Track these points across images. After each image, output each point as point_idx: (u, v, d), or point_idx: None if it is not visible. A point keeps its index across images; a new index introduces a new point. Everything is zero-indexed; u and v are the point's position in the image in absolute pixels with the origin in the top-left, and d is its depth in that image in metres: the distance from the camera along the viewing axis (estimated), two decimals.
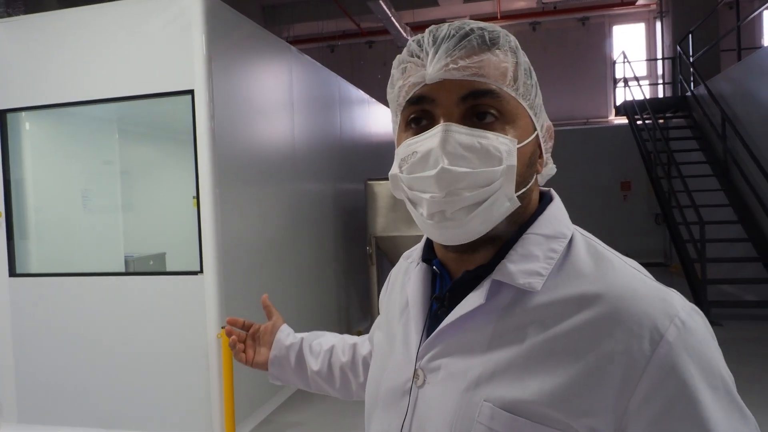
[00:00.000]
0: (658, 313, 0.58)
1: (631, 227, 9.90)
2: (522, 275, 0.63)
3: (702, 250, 5.83)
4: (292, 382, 1.11)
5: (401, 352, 0.74)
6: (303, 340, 1.10)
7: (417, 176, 0.64)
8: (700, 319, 0.60)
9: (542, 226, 0.67)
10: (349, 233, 5.75)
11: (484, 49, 0.63)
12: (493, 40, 0.64)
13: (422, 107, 0.65)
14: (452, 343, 0.66)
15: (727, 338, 5.23)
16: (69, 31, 3.54)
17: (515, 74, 0.65)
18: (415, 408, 0.68)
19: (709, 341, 0.59)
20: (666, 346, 0.56)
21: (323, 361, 1.07)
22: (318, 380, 1.08)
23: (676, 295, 0.61)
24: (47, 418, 3.63)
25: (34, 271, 3.78)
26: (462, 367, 0.65)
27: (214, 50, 3.36)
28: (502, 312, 0.64)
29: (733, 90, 6.98)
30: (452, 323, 0.66)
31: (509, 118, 0.64)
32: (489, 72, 0.63)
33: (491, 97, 0.63)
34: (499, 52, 0.64)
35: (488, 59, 0.63)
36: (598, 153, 10.00)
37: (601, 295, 0.60)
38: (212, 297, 3.33)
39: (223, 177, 3.43)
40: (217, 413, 3.32)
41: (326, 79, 5.48)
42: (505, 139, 0.63)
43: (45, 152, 3.99)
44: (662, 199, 7.21)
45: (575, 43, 12.42)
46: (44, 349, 3.63)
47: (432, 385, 0.67)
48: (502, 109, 0.64)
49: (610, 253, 0.66)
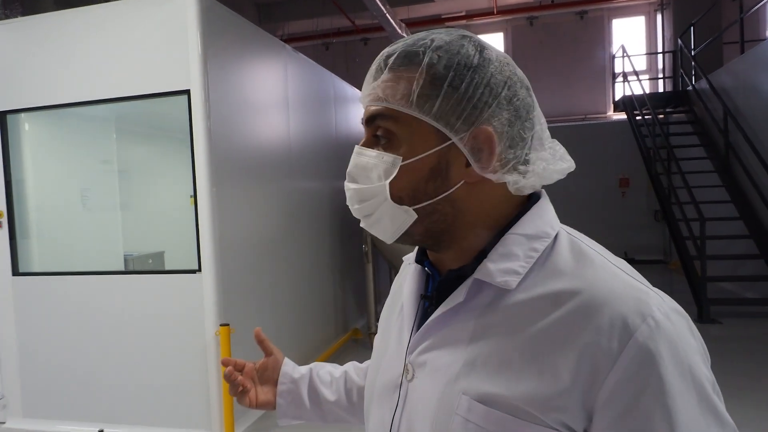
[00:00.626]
0: (631, 312, 0.58)
1: (630, 224, 9.84)
2: (500, 274, 0.65)
3: (702, 247, 5.79)
4: (305, 417, 1.00)
5: (395, 349, 0.78)
6: (311, 370, 1.02)
7: None
8: (681, 320, 0.60)
9: (524, 226, 0.68)
10: (345, 231, 5.76)
11: (380, 74, 0.68)
12: (387, 62, 0.68)
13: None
14: (438, 339, 0.70)
15: (727, 336, 5.21)
16: (66, 33, 3.55)
17: (414, 89, 0.65)
18: (405, 401, 0.72)
19: (687, 342, 0.59)
20: (635, 345, 0.56)
21: (338, 389, 1.01)
22: (336, 411, 1.01)
23: (654, 295, 0.61)
24: (51, 413, 3.69)
25: (36, 270, 3.82)
26: (445, 362, 0.67)
27: (209, 50, 3.36)
28: (484, 309, 0.67)
29: (736, 83, 6.91)
30: (436, 319, 0.70)
31: (402, 136, 0.67)
32: (380, 95, 0.68)
33: (383, 118, 0.68)
34: (393, 72, 0.67)
35: (383, 84, 0.68)
36: (597, 149, 9.88)
37: (577, 292, 0.61)
38: (210, 295, 3.36)
39: (220, 176, 3.44)
40: (216, 409, 3.36)
41: (321, 77, 5.47)
42: (388, 157, 0.67)
43: (44, 152, 4.01)
44: (662, 195, 7.17)
45: (573, 37, 12.29)
46: (47, 346, 3.68)
47: (419, 378, 0.70)
48: (393, 128, 0.67)
49: (593, 252, 0.66)
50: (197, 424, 3.41)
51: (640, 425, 0.56)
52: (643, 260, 9.26)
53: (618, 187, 10.15)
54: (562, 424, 0.58)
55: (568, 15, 12.17)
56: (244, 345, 3.58)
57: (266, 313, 3.94)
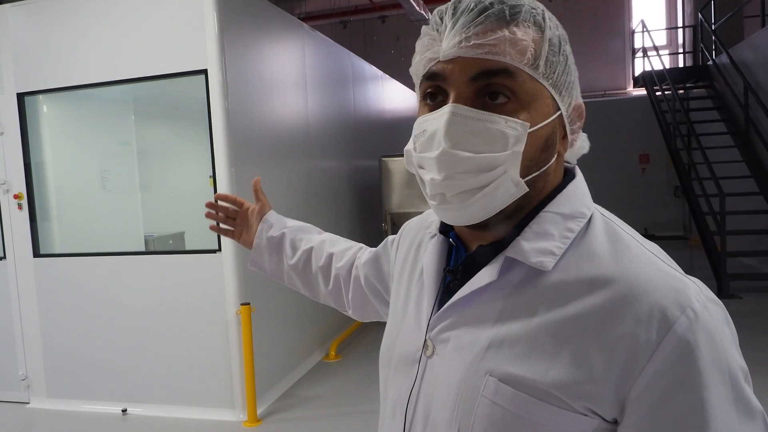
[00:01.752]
0: (670, 302, 0.57)
1: (650, 200, 9.76)
2: (534, 254, 0.63)
3: (722, 223, 5.74)
4: (268, 272, 1.19)
5: (413, 320, 0.75)
6: (284, 234, 1.16)
7: (423, 156, 0.63)
8: (718, 310, 0.59)
9: (560, 205, 0.66)
10: (364, 210, 5.77)
11: (502, 25, 0.60)
12: (513, 15, 0.61)
13: (436, 83, 0.64)
14: (462, 317, 0.67)
15: (747, 311, 5.19)
16: (83, 14, 3.55)
17: (537, 52, 0.61)
18: (424, 377, 0.69)
19: (724, 334, 0.58)
20: (674, 337, 0.55)
21: (299, 258, 1.14)
22: (292, 275, 1.16)
23: (692, 285, 0.59)
24: (74, 393, 3.76)
25: (58, 251, 3.87)
26: (470, 341, 0.65)
27: (226, 29, 3.35)
28: (513, 289, 0.64)
29: (757, 58, 6.75)
30: (463, 297, 0.67)
31: (524, 100, 0.61)
32: (505, 50, 0.60)
33: (504, 76, 0.60)
34: (519, 28, 0.61)
35: (504, 36, 0.60)
36: (617, 125, 9.81)
37: (614, 279, 0.59)
38: (231, 274, 3.39)
39: (239, 156, 3.45)
40: (239, 387, 3.41)
41: (339, 55, 5.43)
42: (515, 123, 0.60)
43: (63, 134, 4.04)
44: (681, 171, 7.08)
45: (592, 12, 12.08)
46: (70, 326, 3.74)
47: (440, 356, 0.68)
48: (517, 90, 0.61)
49: (628, 237, 0.64)
50: (220, 403, 3.47)
51: (675, 417, 0.55)
52: (664, 236, 9.22)
53: (638, 163, 10.03)
54: (590, 411, 0.57)
55: None
56: (265, 323, 3.64)
57: (286, 292, 3.92)
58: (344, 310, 1.14)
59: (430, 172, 0.63)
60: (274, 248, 1.16)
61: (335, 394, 3.82)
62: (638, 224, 9.67)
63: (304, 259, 1.14)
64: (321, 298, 1.16)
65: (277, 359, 3.83)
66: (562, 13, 12.06)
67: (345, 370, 4.27)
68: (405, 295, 0.81)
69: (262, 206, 1.20)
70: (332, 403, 3.69)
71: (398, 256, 0.90)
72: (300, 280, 1.16)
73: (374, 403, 1.05)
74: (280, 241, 1.16)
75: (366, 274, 1.04)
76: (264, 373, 3.56)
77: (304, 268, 1.14)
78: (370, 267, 1.03)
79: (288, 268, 1.16)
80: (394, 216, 5.20)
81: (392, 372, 0.76)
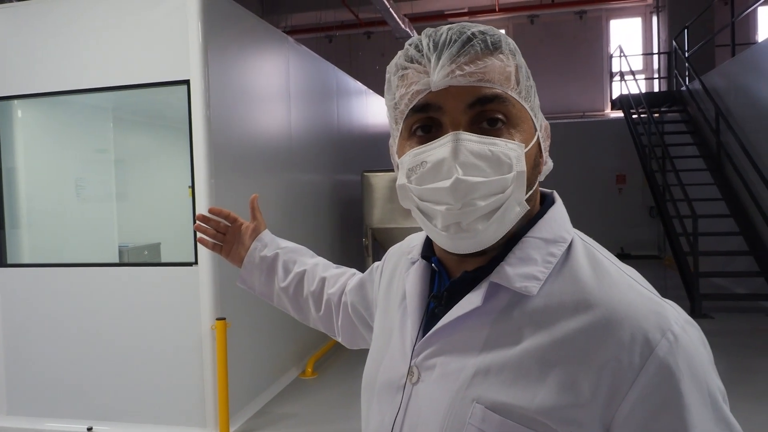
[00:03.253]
0: (651, 326, 0.58)
1: (626, 220, 9.98)
2: (519, 279, 0.63)
3: (694, 244, 5.88)
4: (257, 291, 1.17)
5: (397, 347, 0.74)
6: (278, 255, 1.15)
7: (429, 187, 0.62)
8: (695, 332, 0.60)
9: (542, 230, 0.67)
10: (345, 225, 5.75)
11: (487, 54, 0.63)
12: (495, 44, 0.64)
13: (428, 115, 0.64)
14: (448, 343, 0.67)
15: (719, 330, 5.29)
16: (64, 19, 3.50)
17: (517, 77, 0.65)
18: (408, 404, 0.69)
19: (702, 355, 0.59)
20: (656, 360, 0.56)
21: (291, 281, 1.13)
22: (282, 297, 1.15)
23: (670, 308, 0.61)
24: (38, 410, 3.60)
25: (26, 261, 3.75)
26: (456, 367, 0.65)
27: (210, 40, 3.33)
28: (499, 314, 0.64)
29: (727, 85, 7.01)
30: (449, 323, 0.66)
31: (515, 123, 0.64)
32: (494, 77, 0.63)
33: (498, 102, 0.63)
34: (501, 55, 0.64)
35: (492, 64, 0.63)
36: (595, 146, 10.07)
37: (596, 304, 0.61)
38: (207, 288, 3.32)
39: (219, 167, 3.41)
40: (211, 405, 3.32)
41: (323, 69, 5.45)
42: (514, 144, 0.62)
43: (38, 140, 3.95)
44: (656, 192, 7.25)
45: (572, 36, 12.41)
46: (36, 340, 3.60)
47: (426, 383, 0.67)
48: (509, 114, 0.64)
49: (607, 261, 0.66)
50: (191, 421, 3.37)
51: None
52: (638, 255, 9.41)
53: (615, 184, 10.25)
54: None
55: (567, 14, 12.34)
56: (240, 339, 3.57)
57: (263, 308, 3.89)
58: (334, 336, 1.12)
59: (441, 203, 0.62)
60: (265, 268, 1.15)
61: (311, 411, 3.75)
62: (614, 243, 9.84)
63: (296, 283, 1.13)
64: (311, 322, 1.15)
65: (252, 376, 3.75)
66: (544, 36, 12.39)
67: (322, 388, 4.21)
68: (389, 321, 0.80)
69: (258, 225, 1.19)
70: (308, 421, 3.62)
71: (382, 282, 0.89)
72: (290, 303, 1.15)
73: (351, 422, 1.03)
74: (272, 262, 1.15)
75: (352, 301, 1.03)
76: (238, 390, 3.48)
77: (296, 291, 1.13)
78: (356, 294, 1.03)
79: (279, 290, 1.15)
80: (376, 231, 5.19)
81: (375, 399, 0.75)
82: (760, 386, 3.92)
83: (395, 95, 0.68)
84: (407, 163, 0.65)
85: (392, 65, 0.68)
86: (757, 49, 6.38)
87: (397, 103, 0.67)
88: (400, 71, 0.67)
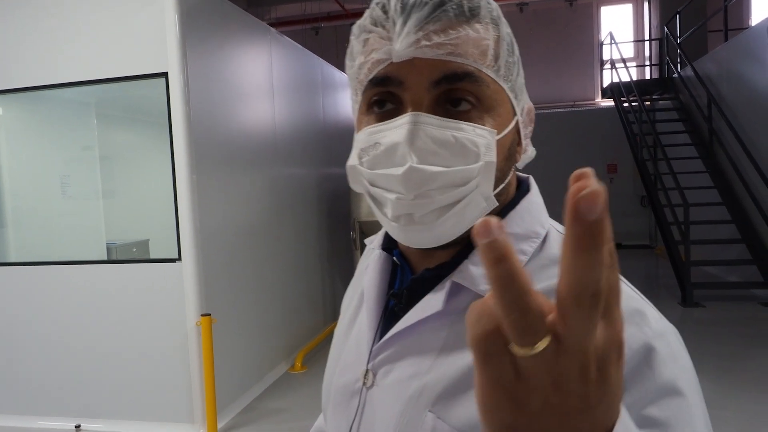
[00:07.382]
0: (629, 324, 0.52)
1: (618, 209, 9.91)
2: (483, 280, 0.56)
3: (686, 232, 5.87)
4: None
5: (353, 348, 0.68)
6: None
7: (380, 173, 0.55)
8: (674, 337, 0.55)
9: (513, 224, 0.59)
10: (332, 218, 5.71)
11: (462, 22, 0.53)
12: (473, 10, 0.54)
13: (387, 89, 0.56)
14: (405, 346, 0.61)
15: (710, 319, 5.29)
16: (40, 13, 3.43)
17: (497, 52, 0.56)
18: (364, 410, 0.63)
19: (685, 356, 0.54)
20: (630, 353, 0.50)
21: None
22: None
23: (651, 309, 0.55)
24: (24, 408, 3.59)
25: (12, 260, 3.72)
26: (410, 373, 0.59)
27: (188, 32, 3.27)
28: (458, 316, 0.58)
29: (719, 71, 6.96)
30: (407, 327, 0.61)
31: (488, 105, 0.55)
32: (467, 50, 0.53)
33: (469, 81, 0.54)
34: (479, 25, 0.54)
35: (467, 34, 0.53)
36: (585, 135, 10.01)
37: None
38: (191, 284, 3.30)
39: (201, 162, 3.36)
40: (199, 401, 3.31)
41: (308, 61, 5.39)
42: (484, 130, 0.54)
43: (20, 137, 3.90)
44: (648, 181, 7.23)
45: (563, 24, 12.31)
46: (23, 339, 3.58)
47: (380, 387, 0.62)
48: (481, 95, 0.55)
49: None
50: (179, 417, 3.36)
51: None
52: (630, 245, 9.39)
53: (606, 173, 10.22)
54: None
55: (557, 2, 12.21)
56: (227, 334, 3.54)
57: (250, 303, 3.88)
58: None
59: (392, 191, 0.55)
60: None
61: (301, 406, 3.73)
62: None
63: None
64: None
65: (240, 371, 3.73)
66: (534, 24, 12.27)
67: (311, 382, 4.18)
68: (347, 318, 0.75)
69: None
70: (298, 416, 3.60)
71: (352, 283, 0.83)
72: None
73: None
74: None
75: None
76: (226, 386, 3.46)
77: None
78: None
79: None
80: (363, 224, 5.15)
81: (331, 405, 0.69)
82: (751, 374, 3.92)
83: (355, 62, 0.58)
84: (360, 142, 0.57)
85: (356, 26, 0.59)
86: (750, 33, 6.30)
87: (357, 72, 0.58)
88: (363, 35, 0.57)
